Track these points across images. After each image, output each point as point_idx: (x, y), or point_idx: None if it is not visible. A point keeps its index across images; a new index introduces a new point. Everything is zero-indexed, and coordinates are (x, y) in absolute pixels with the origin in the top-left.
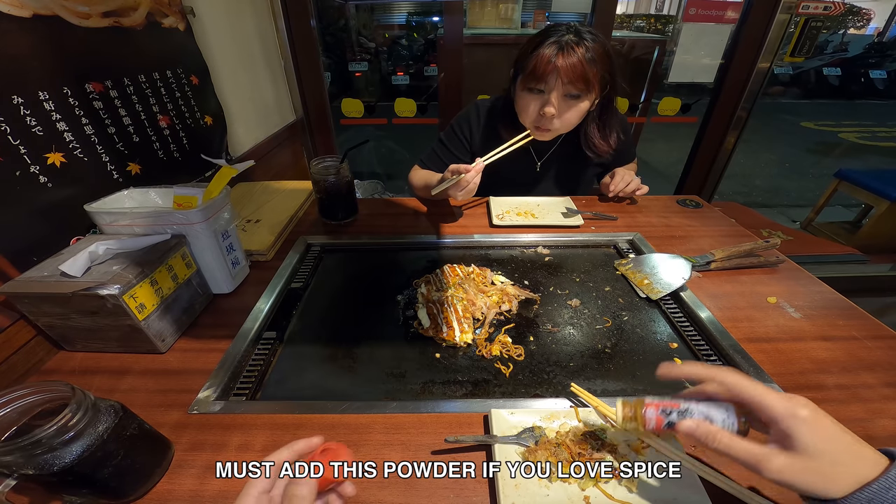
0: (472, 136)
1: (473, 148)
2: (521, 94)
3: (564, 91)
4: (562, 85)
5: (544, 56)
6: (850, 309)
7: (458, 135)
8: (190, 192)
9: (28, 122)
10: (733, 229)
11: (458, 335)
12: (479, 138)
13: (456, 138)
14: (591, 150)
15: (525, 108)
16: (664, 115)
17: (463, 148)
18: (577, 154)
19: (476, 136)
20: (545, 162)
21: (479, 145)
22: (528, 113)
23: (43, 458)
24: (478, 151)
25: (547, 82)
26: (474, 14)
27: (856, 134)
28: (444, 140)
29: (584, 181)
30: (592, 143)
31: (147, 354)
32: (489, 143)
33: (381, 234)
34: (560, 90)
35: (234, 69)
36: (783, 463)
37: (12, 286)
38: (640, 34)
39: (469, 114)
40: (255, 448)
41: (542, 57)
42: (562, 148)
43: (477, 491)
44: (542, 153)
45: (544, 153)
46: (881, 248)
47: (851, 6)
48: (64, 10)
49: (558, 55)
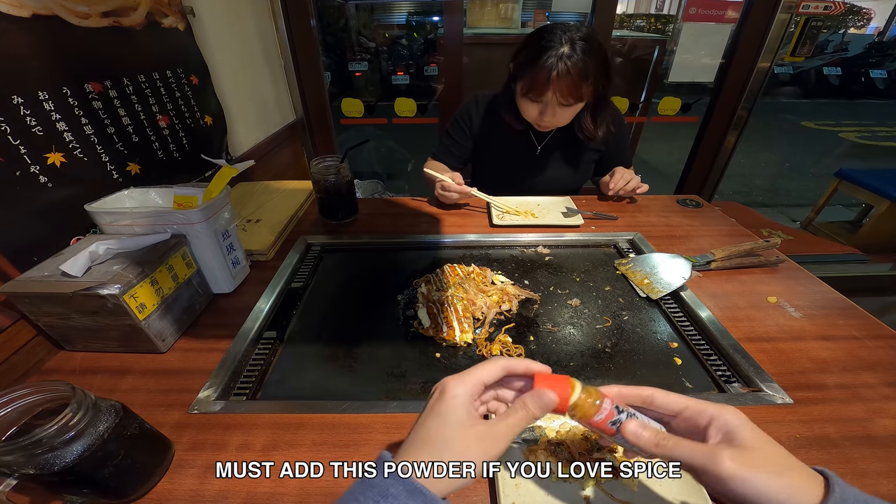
0: (473, 125)
1: (474, 135)
2: (521, 99)
3: (560, 101)
4: (557, 98)
5: (541, 76)
6: (850, 308)
7: (462, 125)
8: (190, 192)
9: (28, 122)
10: (733, 229)
11: (459, 335)
12: (479, 127)
13: (459, 128)
14: (581, 133)
15: (525, 111)
16: (664, 115)
17: (465, 136)
18: (574, 138)
19: (476, 124)
20: (545, 146)
21: (479, 133)
22: (528, 115)
23: (43, 458)
24: (478, 139)
25: (544, 96)
26: (474, 14)
27: (856, 133)
28: (450, 131)
29: (582, 165)
30: (582, 126)
31: (147, 354)
32: (490, 132)
33: (382, 233)
34: (556, 101)
35: (234, 69)
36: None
37: (12, 286)
38: (640, 34)
39: (469, 106)
40: (255, 448)
41: (538, 76)
42: (560, 132)
43: (477, 491)
44: (541, 138)
45: (543, 138)
46: (881, 248)
47: (851, 6)
48: (63, 10)
49: (553, 75)
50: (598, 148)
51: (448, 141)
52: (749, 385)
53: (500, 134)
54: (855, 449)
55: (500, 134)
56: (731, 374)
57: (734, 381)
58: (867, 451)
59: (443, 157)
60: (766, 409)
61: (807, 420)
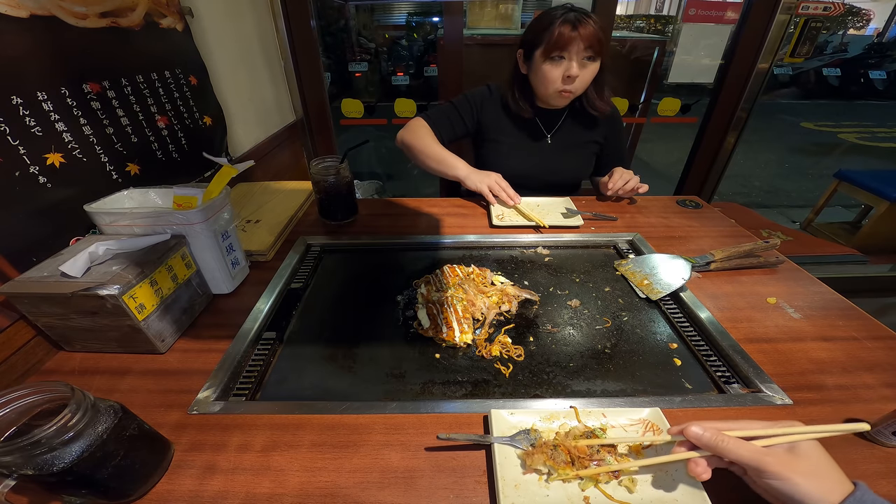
0: (484, 110)
1: (482, 121)
2: (543, 66)
3: (583, 55)
4: (581, 50)
5: (565, 28)
6: (849, 309)
7: (471, 106)
8: (190, 193)
9: (27, 123)
10: (733, 230)
11: (458, 335)
12: (490, 114)
13: (467, 107)
14: (594, 109)
15: (548, 75)
16: (664, 116)
17: (470, 117)
18: (579, 128)
19: (488, 110)
20: (554, 135)
21: (488, 121)
22: (551, 79)
23: (42, 459)
24: (488, 127)
25: (569, 49)
26: (474, 14)
27: (855, 134)
28: (457, 105)
29: (586, 155)
30: (593, 104)
31: (147, 354)
32: (501, 121)
33: (381, 234)
34: (579, 55)
35: (234, 69)
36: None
37: (12, 286)
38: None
39: (483, 92)
40: (254, 448)
41: (563, 29)
42: (567, 121)
43: (477, 491)
44: (550, 127)
45: (552, 126)
46: (881, 249)
47: (851, 6)
48: (61, 11)
49: (576, 26)
50: (598, 140)
51: (451, 112)
52: (748, 386)
53: (511, 124)
54: (855, 450)
55: (511, 124)
56: (731, 375)
57: (734, 381)
58: (867, 451)
59: (439, 124)
60: (765, 410)
61: (806, 421)
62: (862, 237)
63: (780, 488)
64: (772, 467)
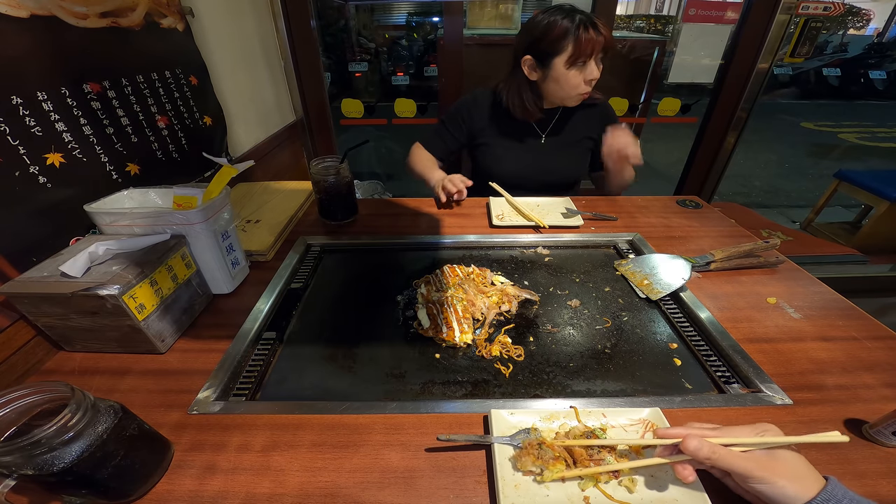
0: (472, 119)
1: (472, 130)
2: (568, 72)
3: (600, 56)
4: (599, 52)
5: (586, 36)
6: (849, 309)
7: (458, 119)
8: (190, 193)
9: (27, 123)
10: (733, 230)
11: (458, 335)
12: (480, 121)
13: (455, 122)
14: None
15: (572, 80)
16: (664, 116)
17: (460, 131)
18: (572, 125)
19: (476, 119)
20: (548, 134)
21: (480, 128)
22: (574, 84)
23: (42, 459)
24: (480, 133)
25: (592, 56)
26: (474, 14)
27: (855, 134)
28: (446, 122)
29: (581, 152)
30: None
31: (147, 355)
32: (493, 125)
33: (381, 234)
34: (597, 57)
35: (234, 69)
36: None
37: (12, 286)
38: (639, 34)
39: (467, 102)
40: (254, 448)
41: (584, 37)
42: (560, 120)
43: (476, 491)
44: (544, 126)
45: (546, 126)
46: (881, 249)
47: (851, 6)
48: (61, 11)
49: (594, 33)
50: (592, 136)
51: (441, 131)
52: (748, 386)
53: (504, 126)
54: (854, 450)
55: (505, 126)
56: (731, 375)
57: (734, 381)
58: (867, 451)
59: (432, 145)
60: (765, 410)
61: (806, 421)
62: (862, 237)
63: (766, 491)
64: (759, 472)
